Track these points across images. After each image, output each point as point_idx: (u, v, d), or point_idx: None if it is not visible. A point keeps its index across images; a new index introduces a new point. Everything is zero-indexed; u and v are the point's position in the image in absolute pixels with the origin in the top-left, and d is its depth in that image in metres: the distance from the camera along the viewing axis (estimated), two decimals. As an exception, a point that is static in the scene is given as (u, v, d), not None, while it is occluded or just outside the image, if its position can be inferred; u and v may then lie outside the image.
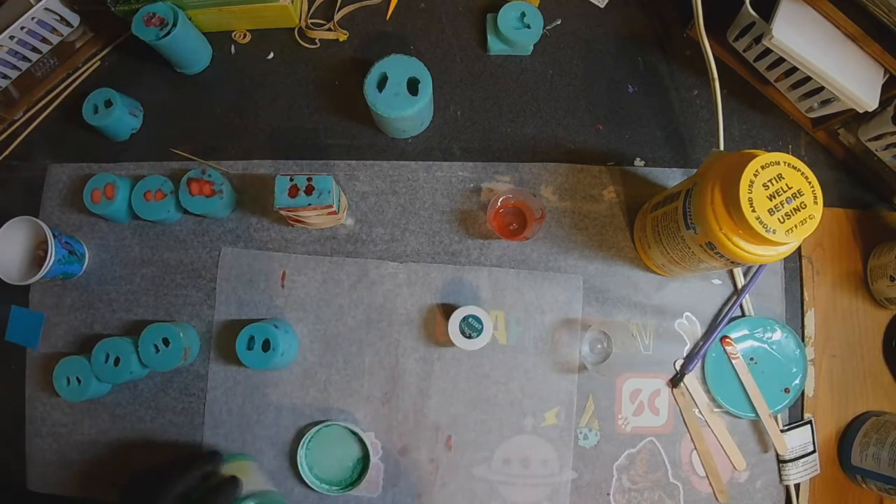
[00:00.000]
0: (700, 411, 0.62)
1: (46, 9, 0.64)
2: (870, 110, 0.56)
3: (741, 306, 0.64)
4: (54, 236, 0.61)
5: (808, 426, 0.62)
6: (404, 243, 0.65)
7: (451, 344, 0.59)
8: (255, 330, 0.60)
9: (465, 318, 0.59)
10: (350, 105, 0.68)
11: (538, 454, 0.62)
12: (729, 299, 0.64)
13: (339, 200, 0.61)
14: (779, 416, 0.62)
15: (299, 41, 0.70)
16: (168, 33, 0.61)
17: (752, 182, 0.44)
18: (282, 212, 0.59)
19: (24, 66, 0.69)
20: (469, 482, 0.62)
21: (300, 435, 0.63)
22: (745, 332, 0.63)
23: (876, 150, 0.62)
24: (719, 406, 0.62)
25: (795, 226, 0.45)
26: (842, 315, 0.65)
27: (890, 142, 0.60)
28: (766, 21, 0.56)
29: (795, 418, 0.63)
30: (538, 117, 0.67)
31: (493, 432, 0.62)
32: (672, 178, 0.66)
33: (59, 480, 0.65)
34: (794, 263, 0.65)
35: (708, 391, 0.62)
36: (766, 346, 0.63)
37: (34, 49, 0.67)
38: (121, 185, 0.63)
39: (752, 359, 0.63)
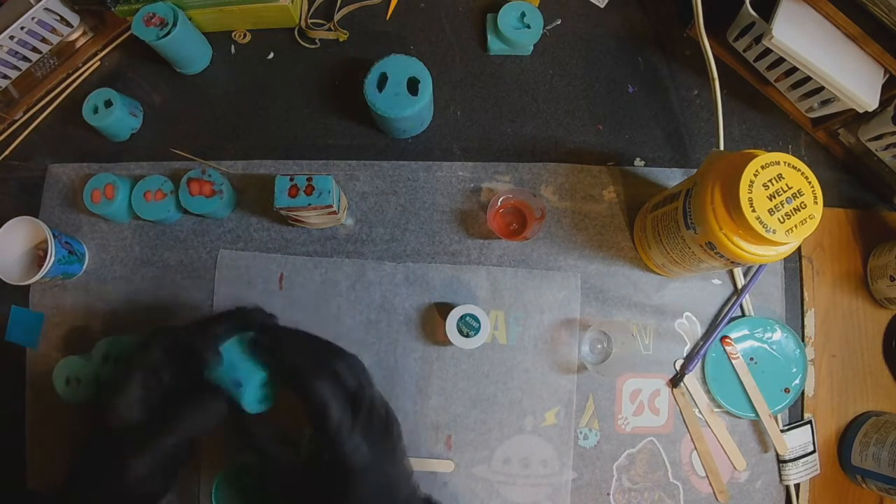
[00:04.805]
0: (700, 411, 0.62)
1: (46, 9, 0.64)
2: (870, 110, 0.56)
3: (741, 306, 0.64)
4: (54, 236, 0.61)
5: (808, 426, 0.62)
6: (404, 243, 0.65)
7: (450, 343, 0.59)
8: None
9: (462, 317, 0.59)
10: (350, 105, 0.68)
11: (538, 454, 0.62)
12: (729, 299, 0.64)
13: (339, 200, 0.61)
14: (779, 416, 0.62)
15: (299, 41, 0.70)
16: (168, 33, 0.61)
17: (752, 182, 0.44)
18: (282, 212, 0.59)
19: (24, 66, 0.69)
20: (469, 482, 0.62)
21: (300, 435, 0.63)
22: (745, 332, 0.63)
23: (876, 150, 0.62)
24: (719, 406, 0.62)
25: (795, 226, 0.45)
26: (842, 315, 0.65)
27: (890, 142, 0.60)
28: (766, 21, 0.56)
29: (795, 418, 0.63)
30: (538, 117, 0.67)
31: (493, 432, 0.62)
32: (672, 178, 0.66)
33: (59, 480, 0.65)
34: (794, 263, 0.65)
35: (708, 391, 0.62)
36: (766, 346, 0.63)
37: (34, 49, 0.67)
38: (121, 185, 0.63)
39: (752, 359, 0.63)
